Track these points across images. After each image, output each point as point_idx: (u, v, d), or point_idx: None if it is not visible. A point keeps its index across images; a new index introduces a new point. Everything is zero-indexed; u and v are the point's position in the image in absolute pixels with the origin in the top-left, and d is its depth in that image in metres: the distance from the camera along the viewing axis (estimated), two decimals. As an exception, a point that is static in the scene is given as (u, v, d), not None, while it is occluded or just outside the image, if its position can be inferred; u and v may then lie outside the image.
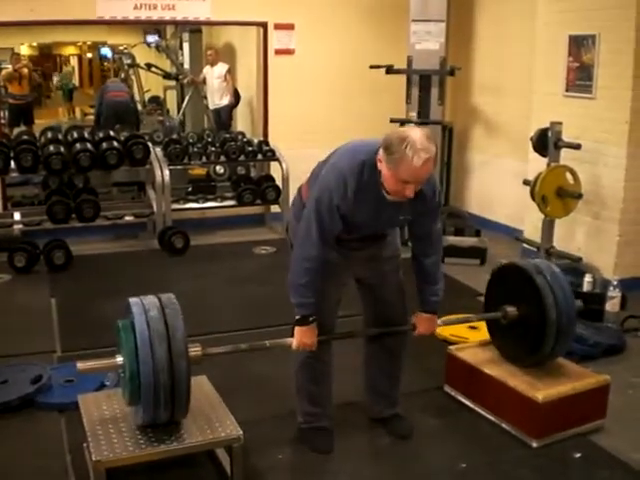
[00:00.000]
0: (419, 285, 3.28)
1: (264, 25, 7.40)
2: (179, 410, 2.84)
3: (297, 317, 3.07)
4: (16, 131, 9.18)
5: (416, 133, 2.75)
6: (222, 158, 7.27)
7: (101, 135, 6.67)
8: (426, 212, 3.08)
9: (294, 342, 3.11)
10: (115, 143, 6.55)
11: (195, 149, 7.18)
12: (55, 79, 19.04)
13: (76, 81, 19.83)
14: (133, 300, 2.86)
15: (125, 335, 2.79)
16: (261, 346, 3.20)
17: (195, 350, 2.93)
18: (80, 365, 2.87)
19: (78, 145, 6.42)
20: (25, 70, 11.31)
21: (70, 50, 20.70)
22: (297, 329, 3.09)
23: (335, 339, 3.32)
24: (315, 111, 7.56)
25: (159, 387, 2.71)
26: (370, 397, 3.59)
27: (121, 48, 13.65)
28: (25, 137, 6.64)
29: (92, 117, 10.71)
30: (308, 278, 3.00)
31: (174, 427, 2.94)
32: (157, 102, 12.66)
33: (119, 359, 2.84)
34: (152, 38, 11.83)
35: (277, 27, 7.43)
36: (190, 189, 7.68)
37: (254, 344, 3.22)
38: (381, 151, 2.81)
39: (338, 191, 2.90)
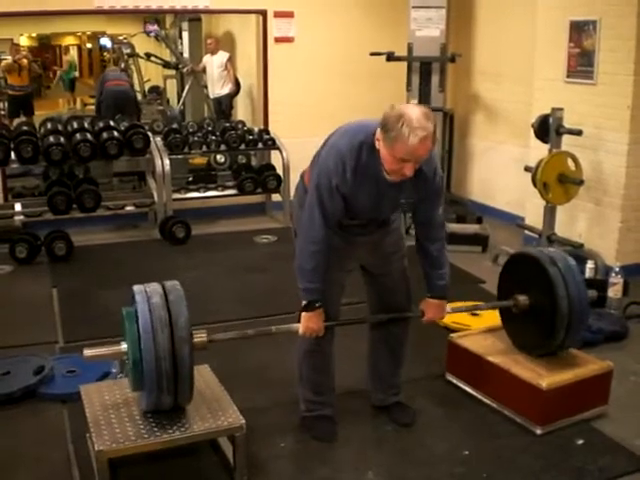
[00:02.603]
0: (425, 271, 3.25)
1: (264, 13, 7.38)
2: (182, 396, 2.84)
3: (304, 302, 3.06)
4: (16, 122, 9.15)
5: (413, 111, 2.72)
6: (222, 147, 7.26)
7: (101, 125, 6.66)
8: (427, 196, 3.06)
9: (301, 328, 3.11)
10: (115, 133, 6.53)
11: (195, 138, 7.15)
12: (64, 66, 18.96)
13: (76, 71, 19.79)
14: (137, 288, 2.87)
15: (129, 323, 2.80)
16: (267, 332, 3.19)
17: (200, 336, 2.93)
18: (87, 352, 2.88)
19: (78, 135, 6.40)
20: (25, 61, 11.27)
21: (69, 40, 20.62)
22: (304, 315, 3.08)
23: (342, 325, 3.30)
24: (315, 99, 7.54)
25: (161, 374, 2.71)
26: (373, 385, 3.59)
27: (120, 38, 13.61)
28: (25, 128, 6.61)
29: (92, 107, 10.69)
30: (314, 263, 3.00)
31: (176, 416, 2.94)
32: (157, 92, 12.63)
33: (124, 346, 2.85)
34: (151, 27, 11.78)
35: (277, 15, 7.40)
36: (191, 178, 7.68)
37: (260, 330, 3.22)
38: (379, 130, 2.79)
39: (337, 172, 2.88)
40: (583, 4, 5.49)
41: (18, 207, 6.70)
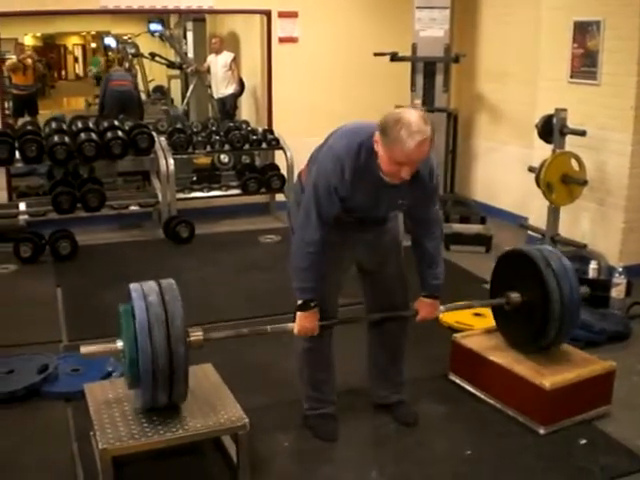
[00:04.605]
0: (420, 269, 3.26)
1: (268, 13, 7.39)
2: (177, 394, 2.85)
3: (299, 302, 3.08)
4: (21, 121, 9.17)
5: (411, 114, 2.74)
6: (227, 147, 7.28)
7: (105, 125, 6.67)
8: (424, 196, 3.08)
9: (295, 327, 3.12)
10: (120, 133, 6.55)
11: (199, 138, 7.17)
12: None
13: (81, 71, 19.89)
14: (133, 286, 2.88)
15: (125, 320, 2.81)
16: (262, 331, 3.20)
17: (196, 335, 2.94)
18: (83, 349, 2.90)
19: (83, 135, 6.41)
20: (29, 60, 11.29)
21: (74, 40, 20.71)
22: (299, 314, 3.09)
23: (336, 324, 3.30)
24: (319, 99, 7.54)
25: (157, 372, 2.72)
26: (374, 383, 3.59)
27: (125, 37, 13.63)
28: (29, 127, 6.63)
29: (97, 107, 10.71)
30: (309, 262, 3.01)
31: (180, 415, 2.95)
32: (161, 91, 12.65)
33: (119, 343, 2.86)
34: (156, 27, 11.79)
35: (281, 15, 7.41)
36: (195, 178, 7.69)
37: (255, 329, 3.23)
38: (377, 133, 2.80)
39: (335, 175, 2.90)
40: (587, 5, 5.48)
41: (22, 206, 6.71)
